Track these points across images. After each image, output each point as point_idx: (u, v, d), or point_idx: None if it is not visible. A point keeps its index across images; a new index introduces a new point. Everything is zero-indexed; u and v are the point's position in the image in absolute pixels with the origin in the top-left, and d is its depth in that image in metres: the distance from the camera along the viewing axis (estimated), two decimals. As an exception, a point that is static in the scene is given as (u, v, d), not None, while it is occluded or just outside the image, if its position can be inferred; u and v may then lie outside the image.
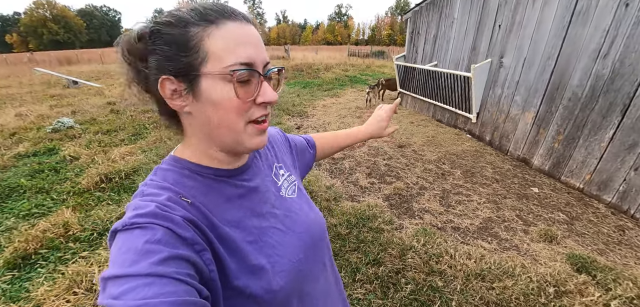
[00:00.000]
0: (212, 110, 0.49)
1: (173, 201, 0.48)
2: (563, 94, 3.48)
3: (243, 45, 0.48)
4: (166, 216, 0.44)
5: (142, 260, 0.38)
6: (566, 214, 2.94)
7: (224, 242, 0.51)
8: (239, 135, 0.52)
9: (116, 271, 0.38)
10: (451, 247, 2.37)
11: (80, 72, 14.38)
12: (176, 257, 0.41)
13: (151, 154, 4.14)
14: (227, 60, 0.47)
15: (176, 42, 0.47)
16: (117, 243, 0.42)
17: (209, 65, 0.47)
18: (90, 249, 2.32)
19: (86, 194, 3.12)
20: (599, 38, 3.05)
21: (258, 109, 0.52)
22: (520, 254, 2.36)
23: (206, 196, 0.54)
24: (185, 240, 0.44)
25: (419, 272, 2.09)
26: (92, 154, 4.14)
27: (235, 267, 0.51)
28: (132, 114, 6.24)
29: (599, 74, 3.07)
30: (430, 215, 2.89)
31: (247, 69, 0.48)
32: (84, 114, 6.36)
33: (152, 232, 0.41)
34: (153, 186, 0.51)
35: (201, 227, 0.48)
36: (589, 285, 2.03)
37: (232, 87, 0.48)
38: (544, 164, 3.79)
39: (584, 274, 2.12)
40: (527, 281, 2.03)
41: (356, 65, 17.61)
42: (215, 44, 0.47)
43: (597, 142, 3.14)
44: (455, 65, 5.50)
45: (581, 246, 2.49)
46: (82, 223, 2.60)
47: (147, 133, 5.11)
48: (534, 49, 3.81)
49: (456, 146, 4.72)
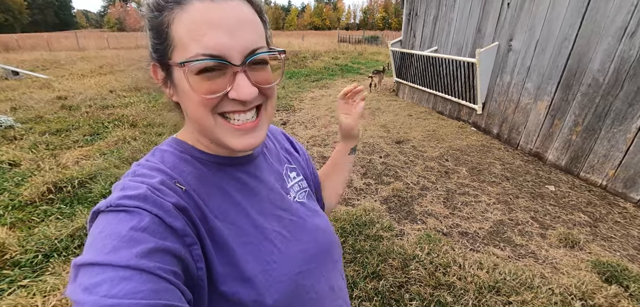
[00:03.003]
0: (185, 102, 0.50)
1: (166, 186, 0.48)
2: (582, 80, 3.48)
3: (211, 31, 0.44)
4: (157, 201, 0.43)
5: (124, 248, 0.37)
6: (588, 215, 2.94)
7: (214, 238, 0.50)
8: (211, 131, 0.51)
9: (92, 256, 0.37)
10: (459, 255, 2.32)
11: (21, 61, 13.74)
12: (162, 249, 0.40)
13: (112, 157, 3.95)
14: (190, 49, 0.45)
15: (152, 28, 0.48)
16: (98, 225, 0.41)
17: (175, 54, 0.47)
18: (34, 275, 2.15)
19: (29, 207, 2.92)
20: (625, 14, 3.04)
21: (230, 103, 0.49)
22: (538, 262, 2.33)
23: (201, 184, 0.53)
24: (175, 230, 0.44)
25: (425, 286, 2.03)
26: (37, 159, 3.91)
27: (223, 271, 0.49)
28: (88, 110, 5.99)
29: (625, 55, 3.07)
30: (434, 219, 2.84)
31: (207, 60, 0.44)
32: (27, 110, 6.04)
33: (139, 218, 0.41)
34: (147, 166, 0.51)
35: (193, 218, 0.48)
36: (621, 297, 2.00)
37: (194, 79, 0.46)
38: (559, 158, 3.80)
39: (614, 285, 2.09)
40: (549, 293, 1.99)
41: (347, 52, 17.59)
42: (179, 30, 0.45)
43: (622, 133, 3.15)
44: (458, 51, 5.49)
45: (608, 251, 2.48)
46: (23, 244, 2.42)
47: (106, 133, 4.90)
48: (548, 30, 3.81)
49: (460, 141, 4.71)
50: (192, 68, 0.45)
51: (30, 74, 10.05)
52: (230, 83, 0.47)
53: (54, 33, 41.73)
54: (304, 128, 5.44)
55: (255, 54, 0.48)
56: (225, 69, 0.47)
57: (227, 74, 0.47)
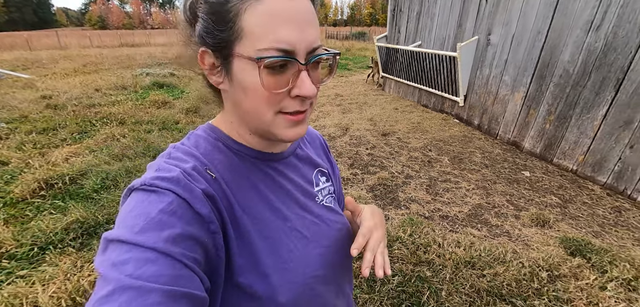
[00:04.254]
0: (242, 94, 0.50)
1: (198, 171, 0.49)
2: (554, 71, 3.71)
3: (284, 25, 0.44)
4: (187, 186, 0.45)
5: (152, 230, 0.39)
6: (559, 197, 3.16)
7: (237, 229, 0.51)
8: (267, 126, 0.51)
9: (122, 234, 0.39)
10: (439, 236, 2.49)
11: (0, 61, 13.43)
12: (187, 236, 0.41)
13: (102, 154, 3.99)
14: (261, 43, 0.44)
15: (214, 13, 0.47)
16: (130, 203, 0.43)
17: (242, 45, 0.46)
18: (31, 267, 2.22)
19: (21, 204, 2.97)
20: (591, 8, 3.26)
21: (293, 102, 0.50)
22: (511, 240, 2.52)
23: (231, 174, 0.54)
24: (202, 217, 0.45)
25: (407, 264, 2.19)
26: (25, 157, 3.92)
27: (242, 262, 0.50)
28: (75, 109, 5.96)
29: (591, 47, 3.29)
30: (417, 204, 3.01)
31: (282, 57, 0.45)
32: (10, 110, 5.97)
33: (168, 201, 0.42)
34: (182, 150, 0.53)
35: (219, 206, 0.49)
36: (583, 268, 2.20)
37: (263, 74, 0.46)
38: (535, 146, 4.03)
39: (578, 257, 2.29)
40: (519, 266, 2.17)
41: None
42: (251, 21, 0.45)
43: (590, 120, 3.38)
44: (441, 45, 5.69)
45: (575, 229, 2.68)
46: (18, 238, 2.47)
47: (94, 131, 4.91)
48: (523, 24, 4.02)
49: (443, 132, 4.91)
50: (268, 63, 0.45)
51: (11, 74, 9.83)
52: (294, 80, 0.48)
53: (35, 32, 40.43)
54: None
55: (318, 53, 0.49)
56: (291, 65, 0.47)
57: (291, 70, 0.47)
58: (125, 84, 8.21)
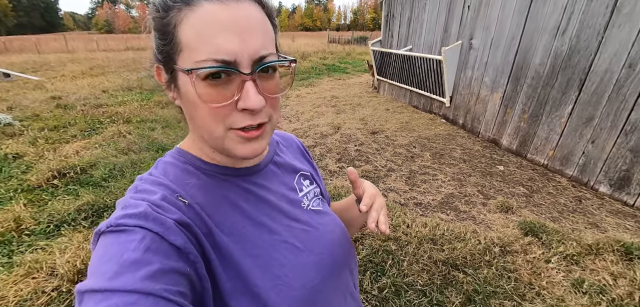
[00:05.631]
0: (192, 110, 0.48)
1: (168, 201, 0.47)
2: (527, 73, 4.00)
3: (221, 35, 0.43)
4: (157, 219, 0.43)
5: (127, 272, 0.37)
6: (527, 188, 3.44)
7: (221, 253, 0.49)
8: (220, 142, 0.49)
9: (95, 283, 0.36)
10: (410, 218, 2.78)
11: (10, 63, 13.89)
12: (168, 270, 0.40)
13: (109, 148, 4.33)
14: (199, 54, 0.43)
15: (158, 28, 0.47)
16: (99, 249, 0.41)
17: (182, 58, 0.45)
18: (48, 240, 2.55)
19: (37, 190, 3.30)
20: (557, 15, 3.56)
21: (241, 116, 0.47)
22: (475, 223, 2.81)
23: (206, 196, 0.52)
24: (179, 249, 0.43)
25: (376, 240, 2.48)
26: (38, 151, 4.27)
27: (232, 286, 0.49)
28: (83, 108, 6.33)
29: (558, 51, 3.59)
30: (395, 193, 3.30)
31: (217, 67, 0.43)
32: (23, 109, 6.36)
33: (140, 238, 0.40)
34: (149, 181, 0.51)
35: (196, 233, 0.47)
36: (533, 245, 2.48)
37: (200, 85, 0.44)
38: (511, 143, 4.31)
39: (530, 236, 2.58)
40: (476, 243, 2.46)
41: (335, 52, 18.09)
42: (187, 33, 0.44)
43: (558, 118, 3.66)
44: (429, 49, 5.99)
45: (536, 215, 2.96)
46: (36, 217, 2.80)
47: (102, 128, 5.26)
48: (500, 29, 4.32)
49: (429, 130, 5.20)
50: (200, 74, 0.43)
51: (21, 76, 10.25)
52: (238, 91, 0.45)
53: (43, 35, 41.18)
54: (289, 122, 5.88)
55: (265, 62, 0.46)
56: (233, 76, 0.45)
57: (235, 82, 0.45)
58: (131, 85, 8.59)
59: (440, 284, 2.11)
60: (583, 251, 2.40)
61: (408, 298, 2.01)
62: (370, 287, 2.08)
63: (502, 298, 2.01)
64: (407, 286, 2.10)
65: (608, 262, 2.26)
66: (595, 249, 2.39)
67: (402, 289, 2.07)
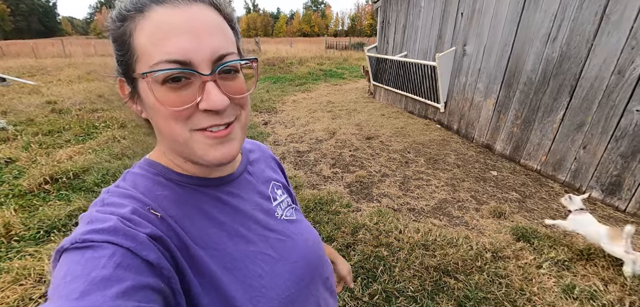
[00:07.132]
0: (154, 116, 0.47)
1: (139, 214, 0.45)
2: (519, 79, 4.02)
3: (174, 36, 0.42)
4: (128, 233, 0.41)
5: (95, 291, 0.34)
6: (520, 193, 3.44)
7: (196, 267, 0.48)
8: (186, 147, 0.48)
9: (60, 304, 0.33)
10: (402, 224, 2.77)
11: (7, 68, 13.82)
12: (141, 287, 0.37)
13: (103, 153, 4.31)
14: (153, 58, 0.43)
15: (115, 40, 0.47)
16: (62, 267, 0.37)
17: (139, 65, 0.45)
18: (37, 246, 2.52)
19: (28, 195, 3.27)
20: (548, 23, 3.59)
21: (205, 116, 0.46)
22: (467, 229, 2.80)
23: (179, 209, 0.51)
24: (152, 264, 0.41)
25: (368, 246, 2.47)
26: (32, 156, 4.24)
27: (209, 301, 0.47)
28: (78, 113, 6.30)
29: (549, 57, 3.62)
30: (389, 199, 3.29)
31: (174, 69, 0.42)
32: (18, 114, 6.32)
33: (109, 254, 0.37)
34: (117, 194, 0.48)
35: (169, 247, 0.45)
36: (525, 250, 2.48)
37: (159, 90, 0.43)
38: (505, 148, 4.32)
39: (522, 242, 2.58)
40: (468, 249, 2.46)
41: (333, 58, 18.13)
42: (141, 39, 0.43)
43: (550, 124, 3.68)
44: (424, 55, 6.02)
45: (528, 220, 2.96)
46: (26, 223, 2.77)
47: (97, 133, 5.23)
48: (493, 36, 4.35)
49: (424, 136, 5.21)
50: (156, 78, 0.42)
51: (17, 80, 10.20)
52: (200, 93, 0.45)
53: (40, 40, 41.08)
54: (284, 127, 5.87)
55: (225, 61, 0.46)
56: (193, 78, 0.44)
57: (195, 84, 0.44)
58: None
59: (431, 290, 2.09)
60: (574, 256, 2.40)
61: (399, 304, 2.00)
62: (361, 293, 2.06)
63: (493, 304, 2.00)
64: (398, 292, 2.08)
65: (599, 267, 2.26)
66: (586, 255, 2.39)
67: (392, 295, 2.05)
